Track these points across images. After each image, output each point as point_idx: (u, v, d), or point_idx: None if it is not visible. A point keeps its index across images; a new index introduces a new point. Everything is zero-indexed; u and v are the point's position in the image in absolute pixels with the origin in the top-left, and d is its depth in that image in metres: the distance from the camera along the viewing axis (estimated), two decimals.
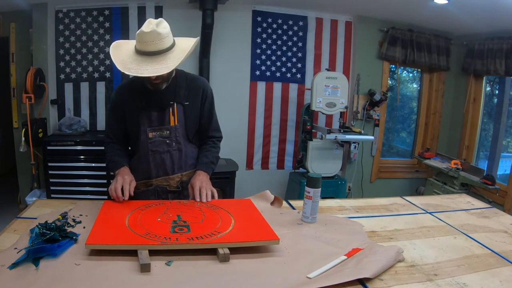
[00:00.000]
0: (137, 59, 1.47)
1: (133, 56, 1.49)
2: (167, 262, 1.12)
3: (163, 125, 1.66)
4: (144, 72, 1.43)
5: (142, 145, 1.67)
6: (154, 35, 1.43)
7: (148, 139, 1.66)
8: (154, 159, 1.67)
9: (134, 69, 1.44)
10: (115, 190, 1.50)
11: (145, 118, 1.64)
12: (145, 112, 1.64)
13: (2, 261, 1.06)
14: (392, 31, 3.89)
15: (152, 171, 1.69)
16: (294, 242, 1.32)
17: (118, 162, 1.65)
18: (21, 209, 2.11)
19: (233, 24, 3.70)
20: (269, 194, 1.72)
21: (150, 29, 1.43)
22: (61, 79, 3.54)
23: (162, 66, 1.45)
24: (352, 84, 4.00)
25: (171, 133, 1.67)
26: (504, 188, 3.47)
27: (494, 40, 3.56)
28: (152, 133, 1.66)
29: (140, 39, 1.45)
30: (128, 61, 1.48)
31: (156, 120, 1.65)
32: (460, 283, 1.12)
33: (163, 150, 1.68)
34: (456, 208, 1.86)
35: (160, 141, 1.67)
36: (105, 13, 3.50)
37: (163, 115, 1.65)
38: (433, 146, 4.32)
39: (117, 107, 1.69)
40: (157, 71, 1.44)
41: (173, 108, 1.65)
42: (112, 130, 1.74)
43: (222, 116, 1.84)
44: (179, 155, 1.71)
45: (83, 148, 3.25)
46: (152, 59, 1.45)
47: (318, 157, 3.54)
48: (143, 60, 1.46)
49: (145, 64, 1.45)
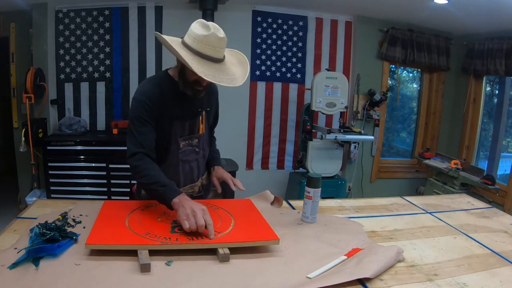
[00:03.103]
0: (203, 63, 1.32)
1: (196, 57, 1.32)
2: (167, 262, 1.12)
3: (193, 134, 1.60)
4: (221, 80, 1.32)
5: (173, 155, 1.56)
6: (223, 43, 1.34)
7: (179, 148, 1.56)
8: (183, 169, 1.61)
9: (211, 75, 1.30)
10: (198, 223, 1.22)
11: (178, 127, 1.53)
12: (179, 120, 1.52)
13: (2, 261, 1.06)
14: (392, 31, 3.89)
15: (181, 181, 1.62)
16: (294, 242, 1.32)
17: (171, 187, 1.38)
18: (21, 209, 2.11)
19: (233, 24, 3.70)
20: (269, 194, 1.73)
21: (223, 35, 1.33)
22: (61, 79, 3.54)
23: (232, 77, 1.36)
24: (352, 84, 4.00)
25: (200, 141, 1.62)
26: (504, 188, 3.47)
27: (494, 40, 3.56)
28: (183, 143, 1.57)
29: (208, 42, 1.31)
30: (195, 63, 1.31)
31: (188, 129, 1.57)
32: (460, 283, 1.12)
33: (192, 159, 1.62)
34: (456, 208, 1.86)
35: (190, 150, 1.60)
36: (105, 13, 3.50)
37: (194, 123, 1.59)
38: (433, 146, 4.32)
39: (150, 113, 1.45)
40: (233, 82, 1.35)
41: (202, 116, 1.61)
42: (145, 140, 1.45)
43: (222, 116, 1.85)
44: (203, 162, 1.69)
45: (83, 148, 3.25)
46: (220, 67, 1.36)
47: (318, 157, 3.54)
48: (211, 65, 1.33)
49: (213, 70, 1.32)
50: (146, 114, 1.44)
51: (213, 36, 1.31)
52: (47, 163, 3.22)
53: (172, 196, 1.33)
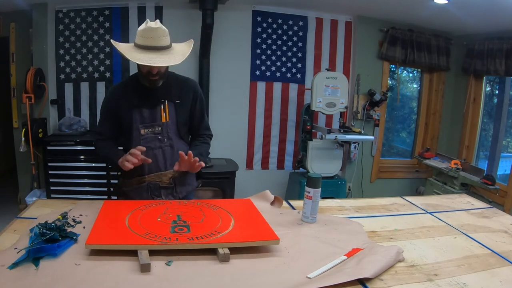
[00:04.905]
0: (144, 52, 1.54)
1: (138, 50, 1.56)
2: (167, 262, 1.12)
3: (155, 122, 1.71)
4: (155, 62, 1.51)
5: (135, 142, 1.70)
6: (161, 32, 1.55)
7: (140, 135, 1.71)
8: (146, 155, 1.66)
9: (146, 60, 1.51)
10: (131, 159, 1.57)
11: (137, 115, 1.70)
12: (138, 109, 1.70)
13: (2, 261, 1.06)
14: (392, 31, 3.89)
15: (144, 167, 1.71)
16: (294, 242, 1.32)
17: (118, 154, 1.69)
18: (21, 209, 2.11)
19: (233, 24, 3.70)
20: (269, 194, 1.73)
21: (158, 25, 1.53)
22: (61, 79, 3.54)
23: (170, 58, 1.56)
24: (352, 84, 4.00)
25: (163, 129, 1.72)
26: (504, 188, 3.47)
27: (494, 40, 3.56)
28: (144, 130, 1.71)
29: (145, 35, 1.53)
30: (135, 53, 1.54)
31: (148, 117, 1.71)
32: (460, 283, 1.12)
33: (155, 146, 1.72)
34: (456, 208, 1.86)
35: (152, 137, 1.72)
36: (105, 13, 3.50)
37: (155, 111, 1.71)
38: (433, 146, 4.32)
39: (111, 105, 1.74)
40: (168, 62, 1.54)
41: (165, 105, 1.72)
42: (105, 128, 1.78)
43: (222, 116, 1.87)
44: (171, 151, 1.74)
45: (83, 148, 3.25)
46: (160, 53, 1.55)
47: (318, 157, 3.54)
48: (150, 53, 1.54)
49: (154, 56, 1.53)
50: (107, 106, 1.76)
51: (149, 28, 1.53)
52: (47, 163, 3.22)
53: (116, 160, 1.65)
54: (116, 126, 1.76)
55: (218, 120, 3.70)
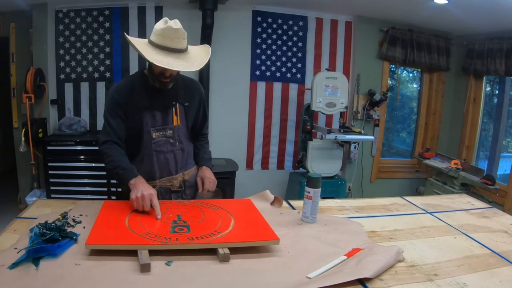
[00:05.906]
0: (161, 54, 1.46)
1: (154, 49, 1.47)
2: (167, 262, 1.12)
3: (167, 125, 1.66)
4: (174, 66, 1.44)
5: (146, 146, 1.64)
6: (181, 33, 1.47)
7: (151, 139, 1.64)
8: (158, 160, 1.66)
9: (164, 62, 1.43)
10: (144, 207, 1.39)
11: (149, 117, 1.62)
12: (149, 111, 1.62)
13: (2, 261, 1.06)
14: (392, 31, 3.89)
15: (156, 172, 1.67)
16: (294, 242, 1.32)
17: (130, 170, 1.53)
18: (21, 209, 2.11)
19: (233, 24, 3.70)
20: (269, 194, 1.73)
21: (178, 26, 1.45)
22: (61, 79, 3.53)
23: (189, 64, 1.48)
24: (352, 84, 3.99)
25: (174, 132, 1.68)
26: (504, 188, 3.47)
27: (494, 40, 3.56)
28: (156, 133, 1.64)
29: (164, 34, 1.45)
30: (151, 52, 1.46)
31: (160, 120, 1.64)
32: (460, 283, 1.12)
33: (167, 150, 1.68)
34: (456, 208, 1.86)
35: (164, 141, 1.66)
36: (105, 13, 3.50)
37: (167, 114, 1.65)
38: (433, 146, 4.32)
39: (118, 106, 1.60)
40: (187, 67, 1.47)
41: (176, 108, 1.67)
42: (113, 130, 1.60)
43: (222, 116, 1.87)
44: (182, 155, 1.72)
45: (83, 148, 3.25)
46: (177, 56, 1.48)
47: (318, 157, 3.54)
48: (168, 55, 1.46)
49: (173, 59, 1.46)
50: (114, 107, 1.60)
51: (169, 28, 1.44)
52: (47, 163, 3.22)
53: (129, 178, 1.49)
54: (125, 128, 1.62)
55: (218, 120, 3.70)
